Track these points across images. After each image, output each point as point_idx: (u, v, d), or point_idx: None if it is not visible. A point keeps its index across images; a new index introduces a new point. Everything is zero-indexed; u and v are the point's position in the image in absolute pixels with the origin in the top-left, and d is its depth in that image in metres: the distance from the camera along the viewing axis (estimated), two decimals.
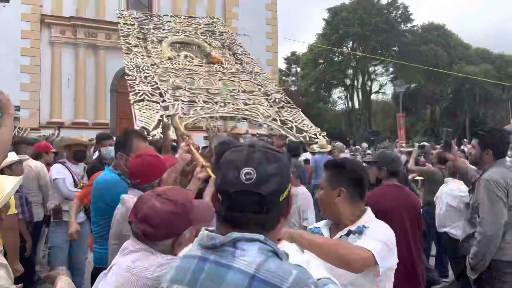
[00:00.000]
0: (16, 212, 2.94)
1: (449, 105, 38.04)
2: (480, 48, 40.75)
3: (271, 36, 22.93)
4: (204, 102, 4.68)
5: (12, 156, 3.96)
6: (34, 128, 15.56)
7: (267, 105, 4.98)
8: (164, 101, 4.58)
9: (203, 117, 4.66)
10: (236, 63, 5.93)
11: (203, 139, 17.51)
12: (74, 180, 4.64)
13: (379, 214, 1.99)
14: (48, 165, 5.17)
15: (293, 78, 45.19)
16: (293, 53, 43.98)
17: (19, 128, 15.75)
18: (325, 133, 5.24)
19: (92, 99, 18.95)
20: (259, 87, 5.34)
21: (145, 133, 4.63)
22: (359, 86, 38.44)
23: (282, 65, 41.77)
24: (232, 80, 5.28)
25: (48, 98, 18.31)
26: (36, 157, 5.19)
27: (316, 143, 5.76)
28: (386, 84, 39.74)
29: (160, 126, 4.59)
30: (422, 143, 9.24)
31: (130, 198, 2.26)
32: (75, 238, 4.12)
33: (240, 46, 6.88)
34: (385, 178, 3.37)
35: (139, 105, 4.45)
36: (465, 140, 18.50)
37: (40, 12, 18.22)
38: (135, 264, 1.48)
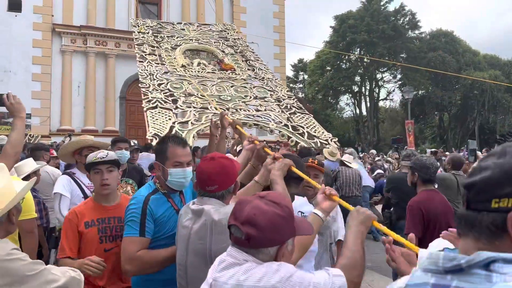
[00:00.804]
0: (36, 216, 2.98)
1: (458, 111, 37.84)
2: (489, 55, 40.60)
3: (279, 44, 23.02)
4: (216, 108, 4.72)
5: (32, 165, 4.04)
6: (44, 135, 15.74)
7: (279, 111, 5.00)
8: (176, 108, 4.62)
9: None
10: (248, 69, 5.97)
11: None
12: (85, 196, 3.72)
13: (428, 219, 1.96)
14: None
15: (301, 85, 45.28)
16: (300, 60, 44.14)
17: (30, 135, 15.95)
18: (336, 139, 5.26)
19: (102, 106, 19.12)
20: (271, 93, 5.37)
21: (157, 139, 4.69)
22: (367, 93, 38.37)
23: (290, 72, 41.92)
24: (244, 87, 5.31)
25: (59, 106, 18.51)
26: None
27: (327, 148, 5.78)
28: (393, 90, 39.65)
29: (172, 132, 4.63)
30: (433, 149, 9.24)
31: (211, 208, 1.97)
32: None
33: (253, 52, 6.93)
34: (420, 184, 3.43)
35: (151, 112, 4.49)
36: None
37: (51, 21, 18.48)
38: (245, 276, 1.30)
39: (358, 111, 39.90)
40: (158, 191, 2.37)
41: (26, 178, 3.66)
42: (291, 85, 42.29)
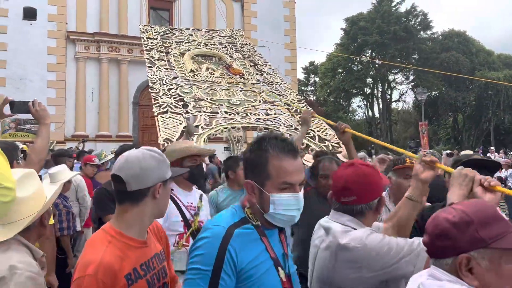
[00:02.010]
0: (53, 222, 3.04)
1: (472, 112, 37.36)
2: (504, 54, 40.03)
3: (290, 47, 23.05)
4: (226, 112, 4.77)
5: (67, 173, 4.12)
6: (59, 141, 16.00)
7: (289, 115, 5.03)
8: (187, 112, 4.69)
9: (225, 128, 4.75)
10: (256, 74, 6.02)
11: (223, 150, 17.75)
12: (185, 220, 2.84)
13: None
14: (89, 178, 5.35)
15: (312, 88, 45.21)
16: (311, 63, 44.11)
17: None
18: None
19: (115, 112, 19.36)
20: (280, 97, 5.41)
21: (168, 144, 4.75)
22: (379, 94, 38.13)
23: (301, 75, 41.93)
24: (253, 91, 5.36)
25: (73, 112, 18.79)
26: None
27: (340, 152, 5.77)
28: (406, 92, 39.34)
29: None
30: (449, 151, 9.17)
31: (340, 228, 1.65)
32: None
33: (261, 57, 6.97)
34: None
35: (162, 117, 4.56)
36: (491, 148, 18.13)
37: (65, 29, 18.80)
38: None
39: (370, 113, 39.68)
40: (248, 222, 1.52)
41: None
42: (302, 88, 42.24)
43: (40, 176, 1.93)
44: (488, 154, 14.97)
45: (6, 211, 1.33)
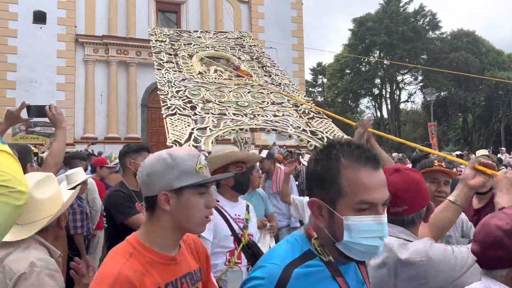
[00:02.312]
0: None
1: (482, 112, 37.01)
2: None
3: (297, 48, 23.04)
4: (234, 114, 4.77)
5: (82, 175, 4.19)
6: (69, 143, 16.12)
7: (297, 116, 5.02)
8: (195, 114, 4.70)
9: (233, 129, 4.75)
10: (265, 75, 6.03)
11: None
12: (235, 234, 2.54)
13: None
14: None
15: (320, 89, 45.12)
16: (319, 64, 44.02)
17: None
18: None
19: (124, 114, 19.48)
20: (288, 98, 5.40)
21: (177, 146, 4.76)
22: (387, 95, 37.93)
23: (308, 76, 41.84)
24: (261, 93, 5.36)
25: (82, 114, 18.94)
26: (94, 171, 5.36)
27: None
28: (415, 92, 39.09)
29: (192, 139, 4.70)
30: (458, 152, 9.08)
31: (396, 242, 1.48)
32: None
33: (269, 58, 6.98)
34: None
35: (171, 119, 4.58)
36: (502, 148, 17.92)
37: (74, 32, 18.99)
38: None
39: (379, 113, 39.48)
40: (315, 256, 1.15)
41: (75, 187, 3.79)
42: (310, 89, 42.14)
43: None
44: (499, 155, 14.79)
45: (19, 214, 1.30)
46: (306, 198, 2.44)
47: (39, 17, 18.46)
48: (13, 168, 1.33)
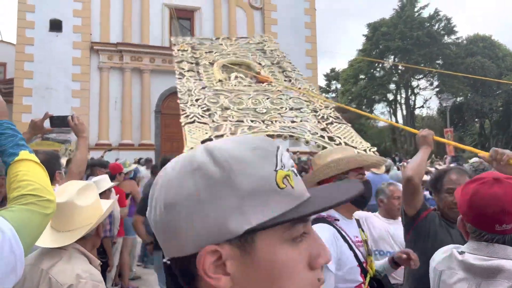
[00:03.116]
0: None
1: (500, 118, 36.35)
2: None
3: (311, 54, 22.94)
4: (252, 121, 4.69)
5: (108, 182, 4.25)
6: (76, 145, 16.22)
7: (315, 122, 4.92)
8: (213, 122, 4.64)
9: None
10: (285, 80, 5.96)
11: None
12: (360, 263, 2.01)
13: None
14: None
15: (333, 95, 44.89)
16: (332, 70, 43.87)
17: (70, 150, 16.49)
18: (375, 149, 5.09)
19: (138, 120, 19.56)
20: (307, 103, 5.31)
21: None
22: (402, 101, 37.54)
23: (322, 82, 41.68)
24: (280, 98, 5.28)
25: (97, 121, 19.06)
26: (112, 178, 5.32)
27: None
28: (430, 98, 38.62)
29: None
30: (477, 158, 8.82)
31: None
32: None
33: (290, 62, 6.92)
34: None
35: (189, 127, 4.54)
36: None
37: (89, 40, 19.18)
38: None
39: (394, 119, 39.05)
40: None
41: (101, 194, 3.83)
42: (323, 94, 41.95)
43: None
44: None
45: (47, 222, 1.39)
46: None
47: (55, 25, 18.70)
48: (41, 177, 1.41)
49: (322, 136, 4.93)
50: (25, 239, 1.23)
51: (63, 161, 10.67)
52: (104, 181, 4.22)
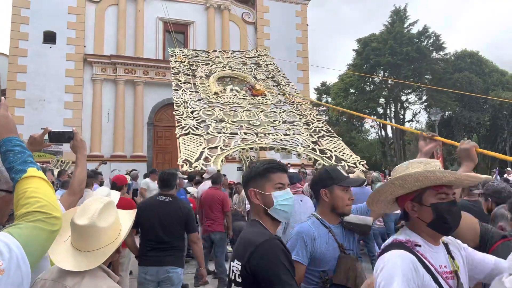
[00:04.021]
0: None
1: (487, 132, 36.95)
2: None
3: (302, 68, 23.28)
4: (245, 133, 4.82)
5: (116, 196, 4.31)
6: (75, 161, 16.21)
7: (307, 135, 5.06)
8: (207, 134, 4.76)
9: (243, 148, 4.81)
10: (279, 94, 6.10)
11: (236, 169, 17.79)
12: None
13: None
14: None
15: (324, 108, 45.31)
16: (323, 84, 44.35)
17: (61, 161, 16.47)
18: (364, 162, 5.26)
19: (130, 132, 19.61)
20: (300, 116, 5.46)
21: (187, 165, 4.81)
22: (392, 115, 38.00)
23: (313, 96, 42.09)
24: (274, 111, 5.42)
25: (89, 133, 19.07)
26: (117, 190, 5.29)
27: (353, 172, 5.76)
28: (419, 112, 39.16)
29: (202, 158, 4.75)
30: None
31: None
32: None
33: (284, 76, 7.09)
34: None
35: (184, 139, 4.63)
36: (508, 168, 17.84)
37: (83, 52, 19.30)
38: None
39: (383, 133, 39.49)
40: None
41: None
42: (315, 108, 42.28)
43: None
44: (505, 175, 14.71)
45: (54, 239, 1.41)
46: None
47: (49, 37, 18.82)
48: (48, 195, 1.43)
49: (314, 149, 5.08)
50: (31, 256, 1.25)
51: (55, 172, 10.65)
52: (111, 195, 4.29)
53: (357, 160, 5.02)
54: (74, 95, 19.03)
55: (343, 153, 5.05)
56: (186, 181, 7.22)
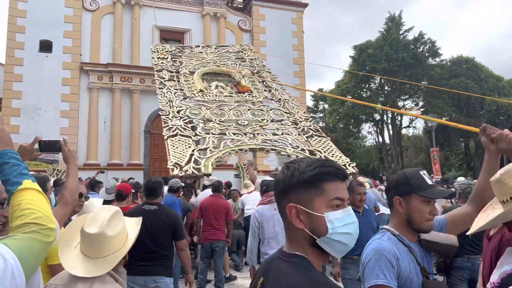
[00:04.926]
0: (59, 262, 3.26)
1: None
2: None
3: (299, 75, 23.36)
4: (234, 134, 4.80)
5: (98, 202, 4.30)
6: (66, 171, 16.14)
7: (296, 134, 5.04)
8: (196, 135, 4.73)
9: (232, 150, 4.78)
10: (265, 90, 6.08)
11: (234, 177, 17.75)
12: None
13: None
14: None
15: (321, 115, 45.41)
16: (320, 90, 44.50)
17: (57, 170, 16.42)
18: (354, 164, 5.23)
19: (127, 140, 19.59)
20: (288, 115, 5.44)
21: (178, 169, 4.79)
22: (389, 121, 38.09)
23: (310, 102, 42.23)
24: (261, 110, 5.40)
25: (85, 141, 19.04)
26: (123, 198, 5.28)
27: (349, 174, 5.72)
28: (416, 118, 39.23)
29: (192, 161, 4.72)
30: (463, 178, 9.06)
31: None
32: None
33: (269, 72, 7.06)
34: None
35: (172, 140, 4.59)
36: None
37: (79, 60, 19.35)
38: None
39: (380, 139, 39.54)
40: None
41: None
42: (311, 114, 42.39)
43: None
44: None
45: (48, 250, 1.42)
46: None
47: (45, 46, 18.87)
48: (43, 206, 1.44)
49: (303, 150, 5.06)
50: (26, 267, 1.25)
51: (51, 181, 10.63)
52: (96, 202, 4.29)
53: (347, 162, 5.00)
54: (70, 104, 19.03)
55: (333, 154, 5.03)
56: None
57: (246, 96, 5.71)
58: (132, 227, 2.04)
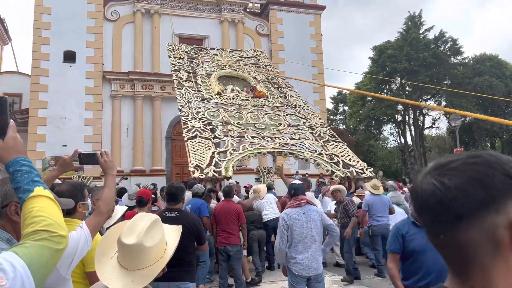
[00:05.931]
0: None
1: (511, 137, 36.06)
2: None
3: (318, 78, 23.29)
4: (252, 137, 4.85)
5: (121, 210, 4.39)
6: (96, 177, 16.52)
7: (313, 139, 5.07)
8: (215, 137, 4.81)
9: (252, 153, 4.84)
10: (280, 96, 6.13)
11: (254, 181, 17.82)
12: None
13: None
14: None
15: (341, 117, 45.07)
16: (339, 92, 44.19)
17: (82, 177, 16.80)
18: (371, 169, 5.21)
19: (149, 147, 19.92)
20: (303, 120, 5.47)
21: (198, 171, 4.87)
22: (411, 121, 37.51)
23: (329, 105, 41.98)
24: (278, 114, 5.46)
25: (109, 148, 19.39)
26: (144, 204, 5.37)
27: (363, 178, 5.70)
28: (439, 118, 38.54)
29: (213, 163, 4.80)
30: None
31: None
32: None
33: (284, 79, 7.10)
34: None
35: (192, 142, 4.67)
36: None
37: (102, 70, 19.82)
38: None
39: (402, 140, 38.96)
40: None
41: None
42: (331, 117, 42.13)
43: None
44: None
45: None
46: None
47: (69, 57, 19.42)
48: (54, 213, 1.44)
49: (321, 154, 5.07)
50: (36, 275, 1.24)
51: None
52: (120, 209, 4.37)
53: (364, 167, 4.99)
54: (94, 112, 19.49)
55: (350, 158, 5.03)
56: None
57: (262, 101, 5.78)
58: (172, 235, 2.00)
